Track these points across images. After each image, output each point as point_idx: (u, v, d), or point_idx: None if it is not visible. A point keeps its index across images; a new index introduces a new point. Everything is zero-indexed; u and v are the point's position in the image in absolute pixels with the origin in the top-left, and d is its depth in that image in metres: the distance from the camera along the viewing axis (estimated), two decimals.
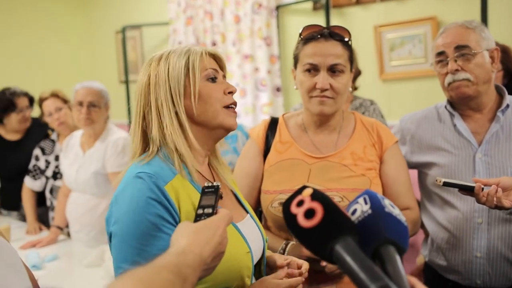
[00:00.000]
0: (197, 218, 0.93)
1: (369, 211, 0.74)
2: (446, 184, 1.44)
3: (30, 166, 3.13)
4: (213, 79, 1.16)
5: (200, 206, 0.96)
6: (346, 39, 1.52)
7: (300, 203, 0.72)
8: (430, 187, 1.74)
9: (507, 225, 1.60)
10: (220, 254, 0.89)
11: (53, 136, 3.17)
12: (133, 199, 1.01)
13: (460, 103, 1.68)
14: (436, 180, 1.45)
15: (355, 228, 0.72)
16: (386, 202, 0.76)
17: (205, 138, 1.16)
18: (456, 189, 1.63)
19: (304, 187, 0.75)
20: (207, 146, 1.18)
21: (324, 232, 0.69)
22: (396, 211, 0.75)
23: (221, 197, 1.00)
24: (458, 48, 1.60)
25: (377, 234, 0.71)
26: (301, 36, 1.55)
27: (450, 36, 1.62)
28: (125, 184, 1.06)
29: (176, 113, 1.11)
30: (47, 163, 3.08)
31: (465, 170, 1.64)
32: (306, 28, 1.55)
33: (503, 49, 2.25)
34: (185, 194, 1.07)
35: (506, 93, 1.68)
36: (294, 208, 0.72)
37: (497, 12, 2.87)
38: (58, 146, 3.09)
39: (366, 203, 0.75)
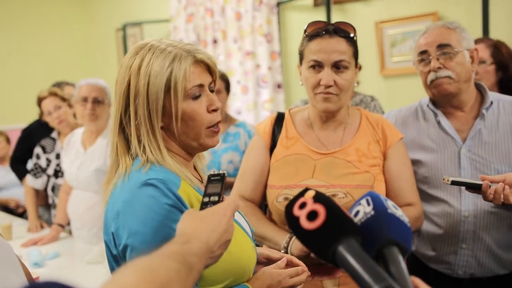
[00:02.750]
0: (203, 206, 0.91)
1: (372, 213, 0.74)
2: (454, 183, 1.46)
3: (31, 165, 3.13)
4: (197, 97, 1.04)
5: (206, 194, 0.93)
6: (351, 35, 1.52)
7: (303, 205, 0.72)
8: (417, 184, 1.75)
9: (493, 218, 1.64)
10: (227, 242, 0.87)
11: (54, 134, 3.17)
12: (149, 207, 0.93)
13: (442, 101, 1.72)
14: (444, 179, 1.47)
15: (358, 230, 0.72)
16: (389, 203, 0.76)
17: (186, 152, 1.10)
18: (444, 186, 1.67)
19: (306, 189, 0.75)
20: (189, 156, 1.12)
21: (327, 233, 0.69)
22: (399, 212, 0.75)
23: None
24: (440, 46, 1.64)
25: (380, 235, 0.71)
26: (306, 33, 1.55)
27: (432, 36, 1.67)
28: (130, 194, 0.97)
29: (154, 132, 1.02)
30: (48, 161, 3.08)
31: (451, 166, 1.68)
32: (311, 24, 1.55)
33: (495, 44, 2.28)
34: (195, 199, 1.03)
35: (488, 90, 1.72)
36: (296, 211, 0.72)
37: (498, 7, 2.85)
38: (59, 144, 3.09)
39: (368, 204, 0.75)
